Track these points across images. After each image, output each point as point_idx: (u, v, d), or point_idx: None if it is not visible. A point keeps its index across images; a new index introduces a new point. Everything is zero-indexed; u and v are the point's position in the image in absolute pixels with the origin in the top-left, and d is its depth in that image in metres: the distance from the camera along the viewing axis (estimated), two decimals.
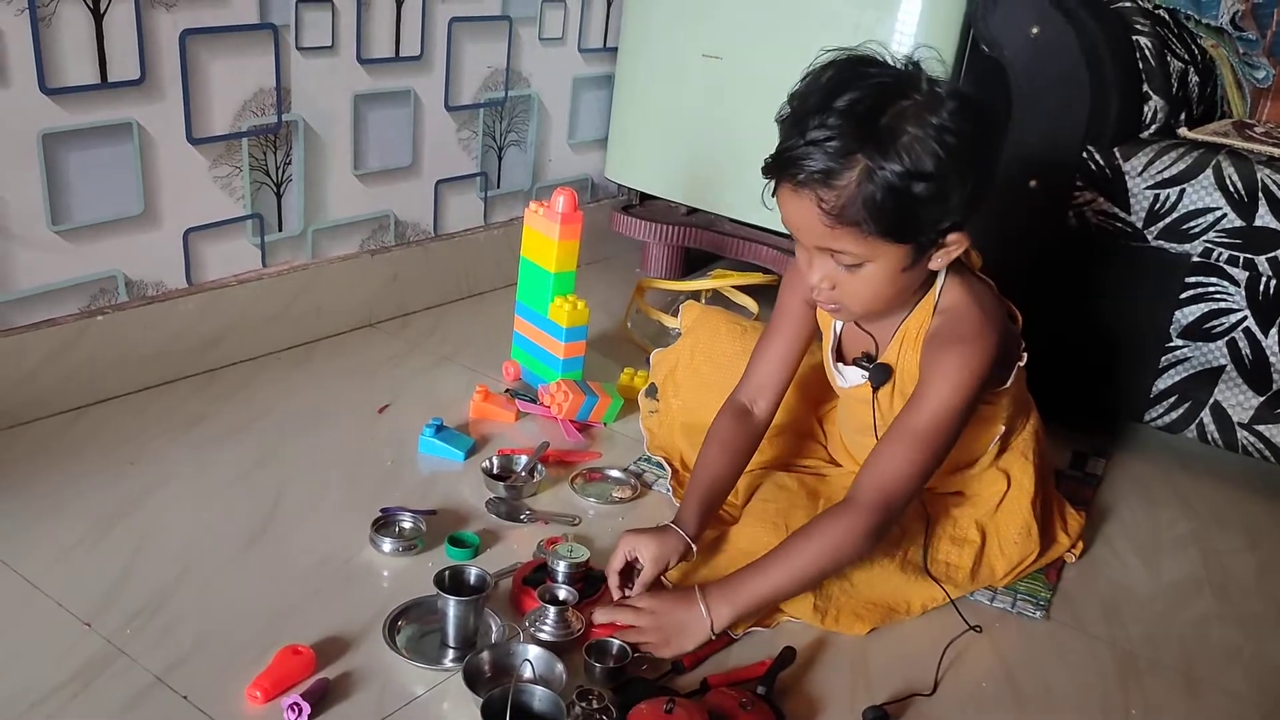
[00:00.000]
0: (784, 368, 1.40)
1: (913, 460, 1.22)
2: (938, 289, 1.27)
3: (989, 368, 1.23)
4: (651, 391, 1.66)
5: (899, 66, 1.15)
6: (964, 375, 1.21)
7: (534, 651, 1.12)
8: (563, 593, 1.21)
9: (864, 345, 1.35)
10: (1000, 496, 1.40)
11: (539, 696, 1.06)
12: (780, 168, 1.15)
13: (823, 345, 1.41)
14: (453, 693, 1.11)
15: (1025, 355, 1.32)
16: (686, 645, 1.19)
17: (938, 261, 1.21)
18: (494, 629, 1.19)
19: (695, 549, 1.28)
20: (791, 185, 1.14)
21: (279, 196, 1.80)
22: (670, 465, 1.56)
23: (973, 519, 1.40)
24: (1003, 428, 1.37)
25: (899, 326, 1.29)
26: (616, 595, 1.25)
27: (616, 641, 1.16)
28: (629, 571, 1.25)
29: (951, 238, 1.18)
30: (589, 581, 1.26)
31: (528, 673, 1.10)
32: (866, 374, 1.32)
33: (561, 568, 1.23)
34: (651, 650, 1.18)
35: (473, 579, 1.21)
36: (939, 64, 1.17)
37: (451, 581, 1.19)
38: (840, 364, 1.38)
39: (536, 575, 1.27)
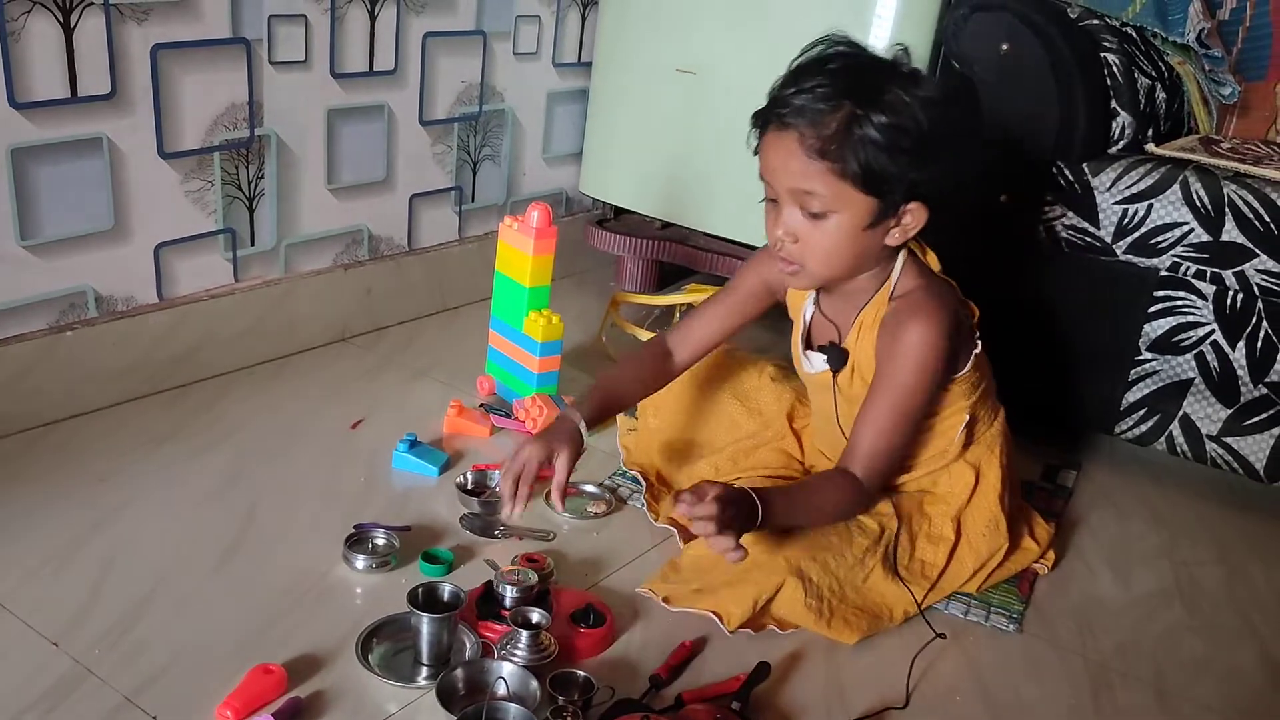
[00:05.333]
0: (716, 332, 1.48)
1: (888, 434, 1.31)
2: (893, 279, 1.33)
3: (945, 343, 1.30)
4: (630, 410, 1.66)
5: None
6: (920, 350, 1.29)
7: (508, 669, 1.12)
8: (535, 616, 1.20)
9: (829, 334, 1.41)
10: (970, 491, 1.43)
11: (513, 714, 1.06)
12: (769, 111, 1.24)
13: (794, 333, 1.45)
14: (426, 711, 1.11)
15: (979, 344, 1.38)
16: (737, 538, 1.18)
17: (894, 237, 1.28)
18: (468, 646, 1.19)
19: (586, 435, 1.36)
20: (777, 125, 1.23)
21: (251, 211, 1.79)
22: (646, 480, 1.56)
23: (947, 516, 1.42)
24: (967, 416, 1.40)
25: (857, 314, 1.35)
26: (510, 498, 1.30)
27: (581, 673, 1.14)
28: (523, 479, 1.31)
29: (913, 206, 1.25)
30: (542, 599, 1.25)
31: (501, 690, 1.09)
32: (826, 358, 1.39)
33: (510, 593, 1.23)
34: (716, 544, 1.17)
35: (446, 596, 1.20)
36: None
37: (425, 598, 1.18)
38: (809, 351, 1.43)
39: (486, 606, 1.25)
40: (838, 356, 1.38)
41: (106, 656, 1.13)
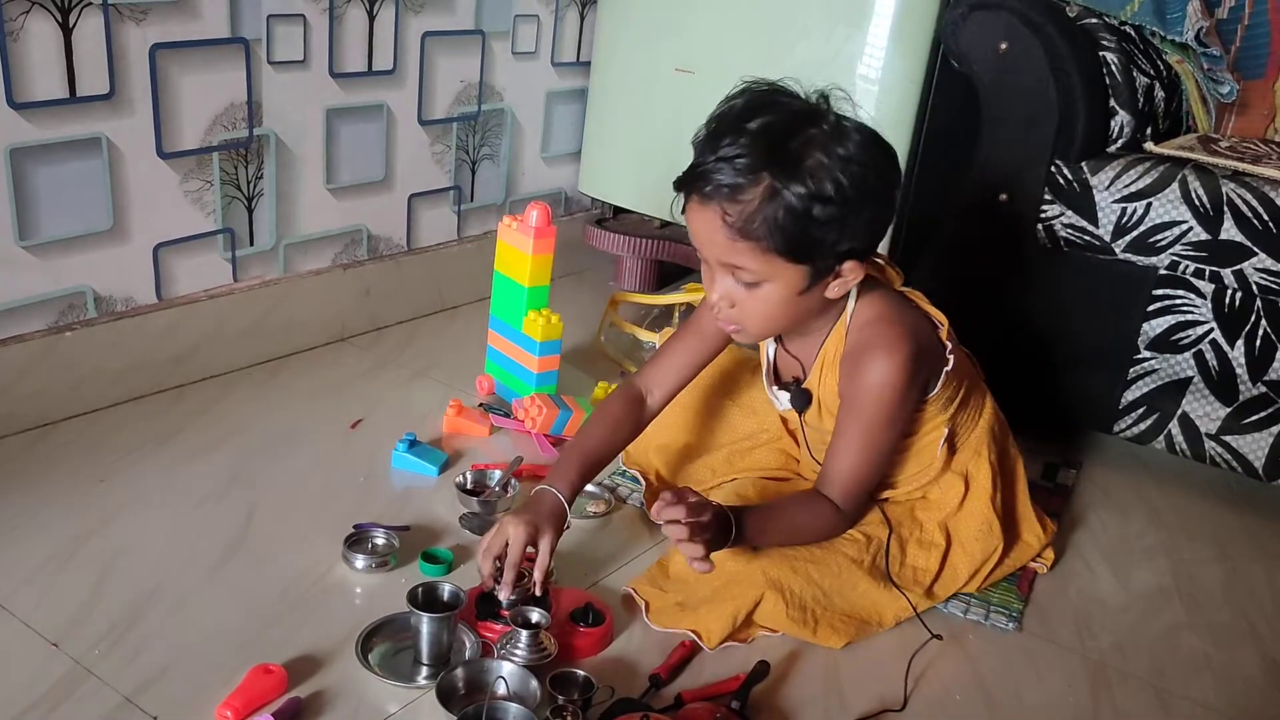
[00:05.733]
0: (685, 370, 1.44)
1: (860, 466, 1.31)
2: (849, 312, 1.31)
3: (909, 373, 1.27)
4: None
5: (811, 100, 1.21)
6: (883, 385, 1.27)
7: (508, 669, 1.12)
8: (535, 615, 1.20)
9: (794, 369, 1.40)
10: (961, 499, 1.42)
11: (513, 714, 1.06)
12: (689, 180, 1.20)
13: (761, 372, 1.45)
14: (426, 710, 1.11)
15: (950, 359, 1.34)
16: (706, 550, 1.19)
17: (834, 290, 1.25)
18: (467, 646, 1.19)
19: (569, 510, 1.29)
20: (699, 198, 1.19)
21: (250, 211, 1.79)
22: (645, 479, 1.56)
23: (936, 522, 1.41)
24: (946, 430, 1.39)
25: (818, 350, 1.34)
26: (495, 582, 1.22)
27: (581, 673, 1.14)
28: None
29: (848, 265, 1.22)
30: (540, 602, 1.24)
31: (501, 690, 1.09)
32: (789, 396, 1.38)
33: (504, 595, 1.22)
34: (684, 548, 1.18)
35: (446, 595, 1.20)
36: (847, 103, 1.21)
37: (425, 598, 1.19)
38: (774, 389, 1.42)
39: (486, 605, 1.24)
40: (801, 397, 1.37)
41: (107, 657, 1.13)
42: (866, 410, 1.29)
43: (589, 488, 1.54)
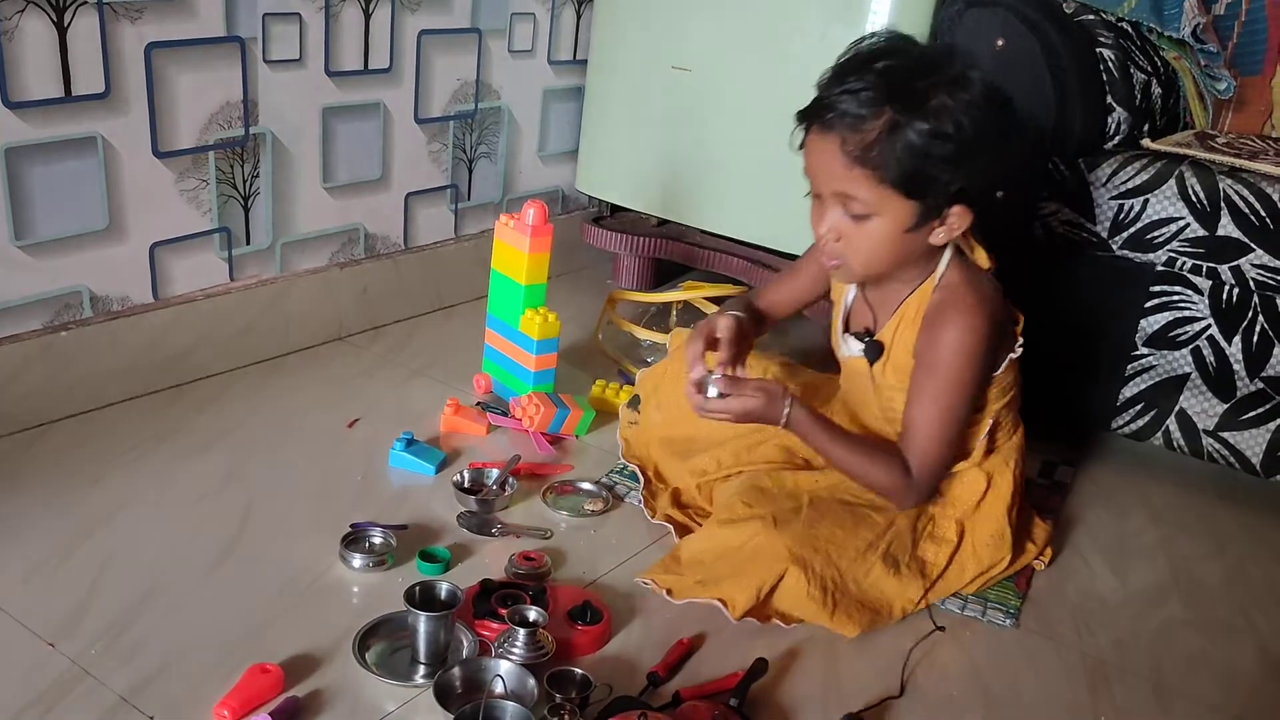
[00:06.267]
0: (793, 302, 1.56)
1: (938, 429, 1.34)
2: (938, 273, 1.35)
3: (986, 337, 1.31)
4: (634, 403, 1.67)
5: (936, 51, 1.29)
6: (963, 343, 1.31)
7: (505, 667, 1.12)
8: (532, 614, 1.20)
9: (866, 319, 1.43)
10: (979, 497, 1.43)
11: (510, 712, 1.05)
12: (813, 111, 1.25)
13: (836, 316, 1.48)
14: (424, 709, 1.10)
15: (1020, 350, 1.39)
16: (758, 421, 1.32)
17: (938, 237, 1.29)
18: (465, 645, 1.19)
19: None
20: (820, 127, 1.24)
21: (247, 210, 1.79)
22: (644, 475, 1.56)
23: (953, 518, 1.42)
24: (991, 421, 1.40)
25: (899, 305, 1.37)
26: (698, 368, 1.33)
27: (579, 671, 1.14)
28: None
29: (956, 210, 1.26)
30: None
31: (499, 688, 1.09)
32: (863, 348, 1.40)
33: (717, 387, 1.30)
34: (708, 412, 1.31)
35: (443, 594, 1.20)
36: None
37: (422, 597, 1.19)
38: (846, 334, 1.45)
39: (484, 604, 1.25)
40: (874, 349, 1.39)
41: (103, 657, 1.13)
42: (941, 369, 1.32)
43: (586, 485, 1.55)
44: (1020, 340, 1.39)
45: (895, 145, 1.20)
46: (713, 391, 1.30)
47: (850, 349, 1.44)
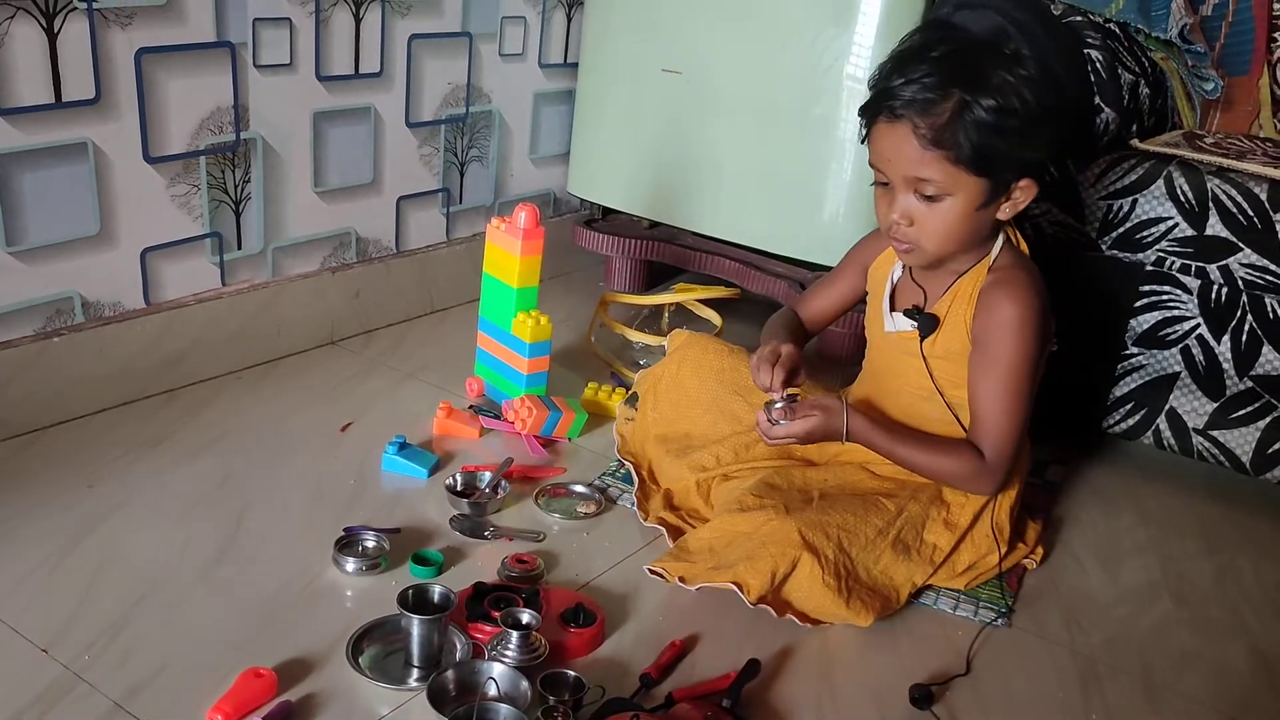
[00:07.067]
0: (835, 309, 1.62)
1: (1008, 409, 1.36)
2: (993, 255, 1.39)
3: (1044, 318, 1.37)
4: (632, 400, 1.68)
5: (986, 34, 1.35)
6: (1023, 320, 1.35)
7: (498, 670, 1.12)
8: (525, 616, 1.20)
9: (915, 299, 1.45)
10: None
11: (504, 715, 1.06)
12: (879, 100, 1.30)
13: (878, 297, 1.51)
14: (417, 712, 1.11)
15: (1055, 346, 1.43)
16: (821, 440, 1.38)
17: (1005, 212, 1.34)
18: (458, 648, 1.19)
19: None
20: (888, 116, 1.29)
21: (238, 215, 1.79)
22: (638, 474, 1.56)
23: (966, 508, 1.43)
24: None
25: (953, 284, 1.41)
26: (777, 383, 1.37)
27: (572, 673, 1.14)
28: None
29: (1023, 184, 1.32)
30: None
31: (492, 691, 1.10)
32: (916, 323, 1.42)
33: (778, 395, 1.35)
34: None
35: (437, 597, 1.20)
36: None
37: (415, 600, 1.18)
38: (894, 312, 1.48)
39: (477, 607, 1.25)
40: (928, 323, 1.41)
41: (96, 662, 1.13)
42: (1004, 349, 1.35)
43: (578, 488, 1.55)
44: (1054, 343, 1.42)
45: (966, 124, 1.25)
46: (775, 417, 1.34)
47: (898, 324, 1.46)
